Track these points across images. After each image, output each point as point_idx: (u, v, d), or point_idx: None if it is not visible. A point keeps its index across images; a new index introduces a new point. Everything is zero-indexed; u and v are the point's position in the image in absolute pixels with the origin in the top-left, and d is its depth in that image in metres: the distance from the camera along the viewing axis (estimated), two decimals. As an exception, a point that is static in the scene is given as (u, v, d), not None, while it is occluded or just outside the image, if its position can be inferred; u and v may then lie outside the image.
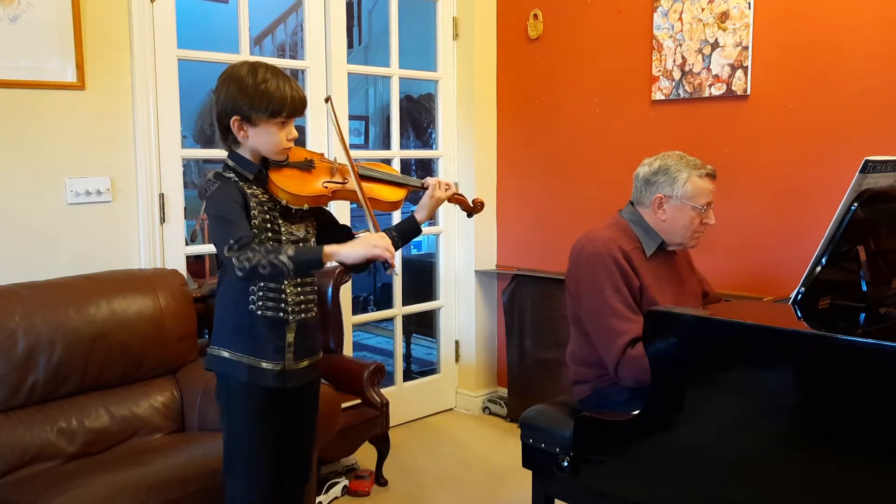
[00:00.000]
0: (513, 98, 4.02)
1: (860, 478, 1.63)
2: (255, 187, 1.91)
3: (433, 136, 4.41)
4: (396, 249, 2.10)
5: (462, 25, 4.01)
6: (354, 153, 2.15)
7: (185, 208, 3.12)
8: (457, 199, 2.20)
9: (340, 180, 2.00)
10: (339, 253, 1.78)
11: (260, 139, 1.88)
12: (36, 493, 2.13)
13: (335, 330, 3.34)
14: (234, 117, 1.86)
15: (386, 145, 7.30)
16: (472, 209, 2.24)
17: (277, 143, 1.89)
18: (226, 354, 1.93)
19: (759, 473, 1.76)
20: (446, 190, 2.10)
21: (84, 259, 2.78)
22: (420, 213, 2.10)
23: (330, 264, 1.81)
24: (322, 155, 2.05)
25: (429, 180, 2.10)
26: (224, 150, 1.96)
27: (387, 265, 1.80)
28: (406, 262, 4.16)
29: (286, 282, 1.92)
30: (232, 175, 1.90)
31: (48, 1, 2.68)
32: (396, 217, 3.33)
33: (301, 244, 1.95)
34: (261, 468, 1.94)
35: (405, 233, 2.10)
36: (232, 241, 1.76)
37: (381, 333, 5.73)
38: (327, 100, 2.16)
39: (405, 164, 6.00)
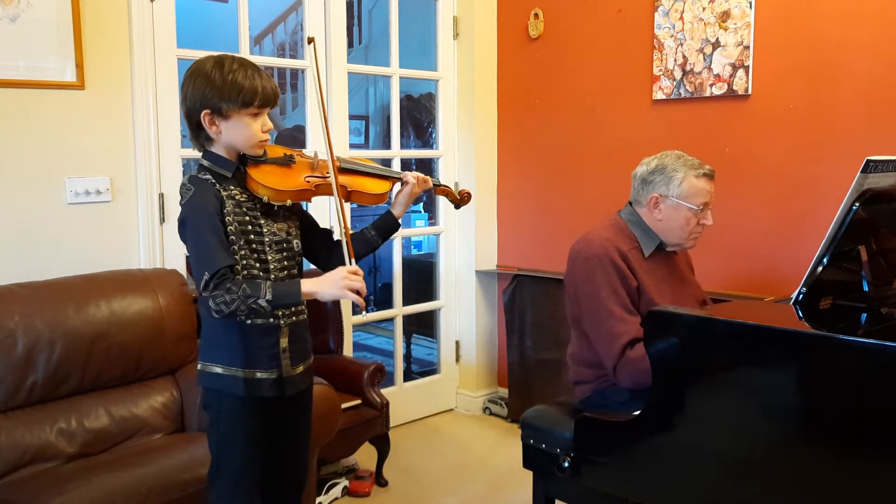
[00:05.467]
0: (513, 97, 4.02)
1: (861, 478, 1.63)
2: (232, 187, 1.84)
3: (433, 135, 4.41)
4: (377, 247, 2.10)
5: (462, 25, 4.01)
6: (354, 152, 2.11)
7: (185, 208, 3.11)
8: (443, 190, 2.18)
9: (322, 175, 1.94)
10: (317, 293, 1.79)
11: (233, 132, 1.81)
12: (35, 493, 2.13)
13: (335, 330, 3.34)
14: (205, 111, 1.78)
15: (386, 145, 7.30)
16: (459, 200, 2.22)
17: (252, 136, 1.82)
18: (219, 370, 1.87)
19: (760, 473, 1.75)
20: (423, 184, 2.09)
21: (83, 259, 2.78)
22: (397, 208, 2.08)
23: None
24: (301, 151, 2.00)
25: (407, 175, 2.07)
26: (197, 149, 1.89)
27: (357, 307, 1.80)
28: (406, 262, 4.15)
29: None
30: (208, 177, 1.83)
31: (47, 0, 2.68)
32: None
33: (284, 244, 1.92)
34: (250, 478, 1.89)
35: (384, 230, 2.08)
36: (207, 277, 1.73)
37: (382, 333, 5.73)
38: (310, 40, 2.02)
39: (406, 163, 6.00)
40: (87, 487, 2.13)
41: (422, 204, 7.18)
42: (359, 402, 3.14)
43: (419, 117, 7.32)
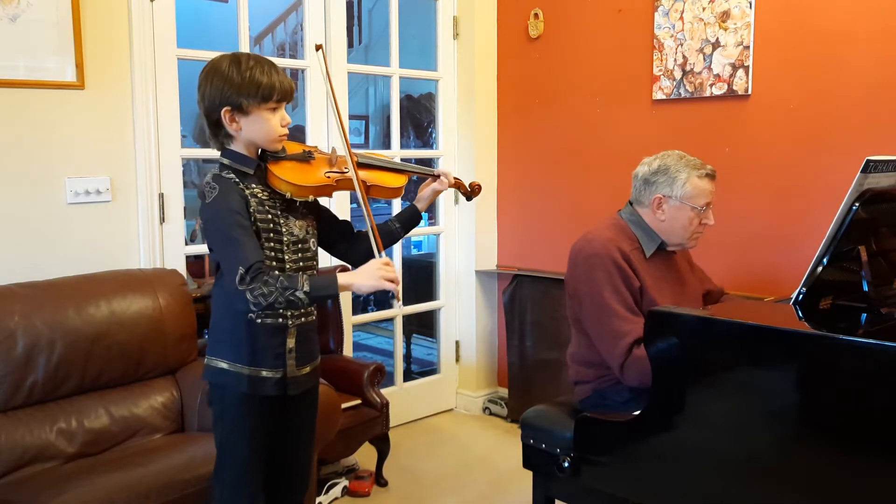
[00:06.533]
0: (513, 98, 4.02)
1: (862, 478, 1.63)
2: (254, 185, 1.86)
3: (433, 135, 4.41)
4: (399, 239, 2.14)
5: (462, 24, 4.01)
6: (356, 152, 2.11)
7: (185, 208, 3.11)
8: (455, 183, 2.19)
9: (340, 170, 1.96)
10: (353, 284, 1.81)
11: (254, 128, 1.83)
12: (35, 493, 2.13)
13: (335, 330, 3.34)
14: (225, 109, 1.81)
15: (386, 145, 7.30)
16: (471, 192, 2.23)
17: (272, 130, 1.84)
18: (224, 365, 1.88)
19: (760, 474, 1.75)
20: (450, 181, 2.13)
21: (84, 259, 2.78)
22: (421, 202, 2.12)
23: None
24: (317, 147, 2.02)
25: (440, 170, 2.12)
26: (216, 149, 1.91)
27: (392, 297, 1.83)
28: (406, 262, 4.15)
29: None
30: (231, 175, 1.83)
31: (47, 0, 2.68)
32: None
33: (301, 245, 1.92)
34: (252, 476, 1.90)
35: (407, 222, 2.11)
36: (242, 271, 1.72)
37: (382, 333, 5.73)
38: (318, 47, 2.02)
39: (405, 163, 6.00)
40: (87, 487, 2.13)
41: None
42: (359, 402, 3.13)
43: (419, 117, 7.32)
